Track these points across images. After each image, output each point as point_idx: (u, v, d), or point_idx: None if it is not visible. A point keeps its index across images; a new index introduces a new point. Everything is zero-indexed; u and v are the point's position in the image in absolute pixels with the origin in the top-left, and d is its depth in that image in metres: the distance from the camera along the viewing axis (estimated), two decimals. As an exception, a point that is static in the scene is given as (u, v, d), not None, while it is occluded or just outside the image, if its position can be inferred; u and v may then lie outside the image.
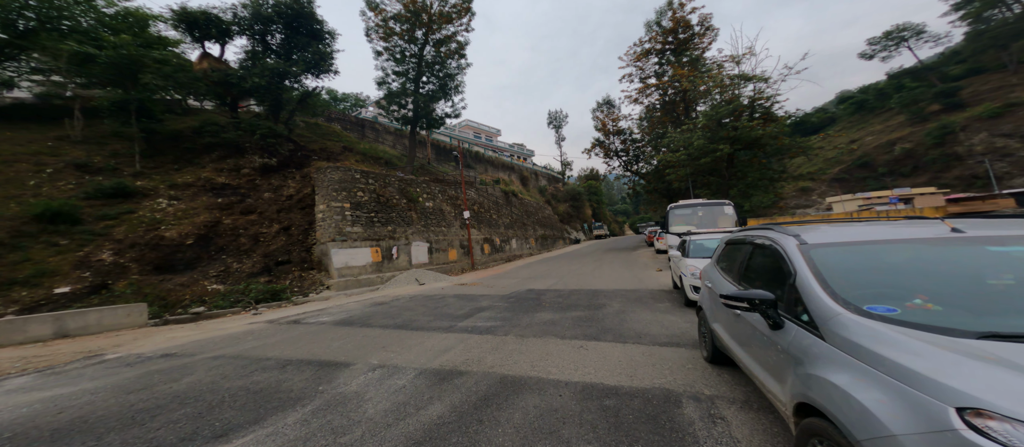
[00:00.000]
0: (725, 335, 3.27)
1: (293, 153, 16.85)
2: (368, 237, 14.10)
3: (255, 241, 12.45)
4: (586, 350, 4.67)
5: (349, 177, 13.99)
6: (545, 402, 3.19)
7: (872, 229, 2.45)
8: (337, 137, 22.65)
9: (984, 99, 43.09)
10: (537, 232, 37.81)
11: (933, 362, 1.38)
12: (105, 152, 13.37)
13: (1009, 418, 1.14)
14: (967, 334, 1.51)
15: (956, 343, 1.46)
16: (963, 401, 1.21)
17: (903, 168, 45.12)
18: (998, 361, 1.33)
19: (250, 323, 7.57)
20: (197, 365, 4.87)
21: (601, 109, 41.27)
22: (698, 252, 7.81)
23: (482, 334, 5.71)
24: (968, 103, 45.00)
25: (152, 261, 10.35)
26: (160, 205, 12.16)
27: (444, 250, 19.06)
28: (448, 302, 8.96)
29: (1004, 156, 37.87)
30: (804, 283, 2.05)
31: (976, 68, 49.57)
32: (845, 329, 1.70)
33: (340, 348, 5.25)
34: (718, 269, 3.85)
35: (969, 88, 47.07)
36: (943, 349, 1.43)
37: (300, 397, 3.54)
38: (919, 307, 1.81)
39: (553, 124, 66.81)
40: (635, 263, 16.01)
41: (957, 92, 47.05)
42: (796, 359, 1.92)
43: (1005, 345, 1.42)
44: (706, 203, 13.69)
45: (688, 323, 5.73)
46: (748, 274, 3.03)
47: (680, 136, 20.55)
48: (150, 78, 12.58)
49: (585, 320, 6.29)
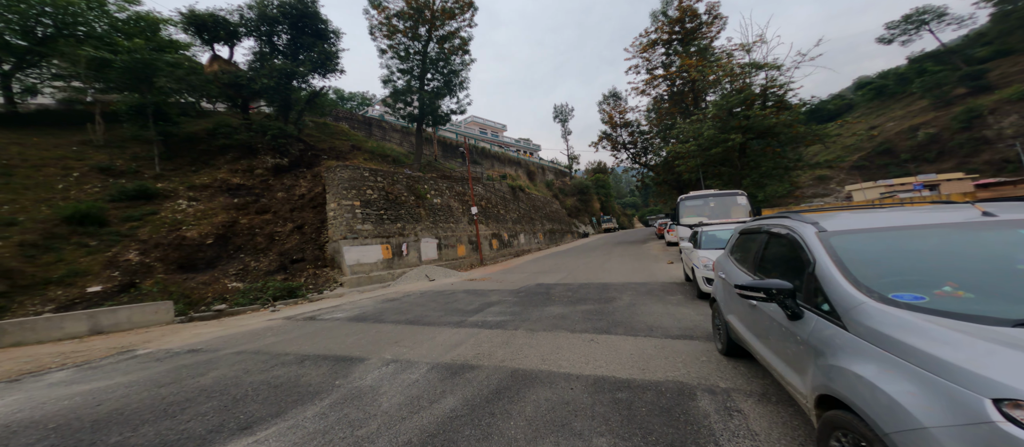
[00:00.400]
0: (740, 327, 3.23)
1: (303, 153, 17.11)
2: (378, 234, 14.28)
3: (271, 240, 12.74)
4: (597, 343, 4.67)
5: (358, 175, 14.15)
6: (556, 395, 3.20)
7: (896, 215, 2.37)
8: (345, 136, 22.91)
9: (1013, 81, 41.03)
10: (545, 226, 37.72)
11: (967, 352, 1.33)
12: (126, 155, 13.81)
13: None
14: (1002, 322, 1.45)
15: (990, 331, 1.40)
16: (1000, 392, 1.16)
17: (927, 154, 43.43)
18: None
19: (269, 320, 7.80)
20: (221, 360, 5.05)
21: (607, 102, 40.69)
22: (710, 243, 7.69)
23: (492, 329, 5.76)
24: (996, 85, 42.92)
25: (175, 260, 10.69)
26: (180, 206, 12.53)
27: (453, 246, 19.19)
28: (458, 297, 9.03)
29: None
30: (824, 271, 2.00)
31: (1003, 50, 47.20)
32: (870, 318, 1.65)
33: (355, 343, 5.36)
34: (732, 260, 3.79)
35: (997, 70, 44.83)
36: (977, 338, 1.37)
37: (318, 391, 3.64)
38: (949, 295, 1.74)
39: (559, 118, 66.19)
40: (645, 256, 15.85)
41: (984, 74, 44.90)
42: (817, 350, 1.88)
43: None
44: (718, 194, 13.44)
45: (701, 316, 5.66)
46: (764, 264, 2.96)
47: (689, 126, 20.14)
48: (164, 81, 12.91)
49: (595, 314, 6.28)
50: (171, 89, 13.39)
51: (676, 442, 2.35)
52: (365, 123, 34.41)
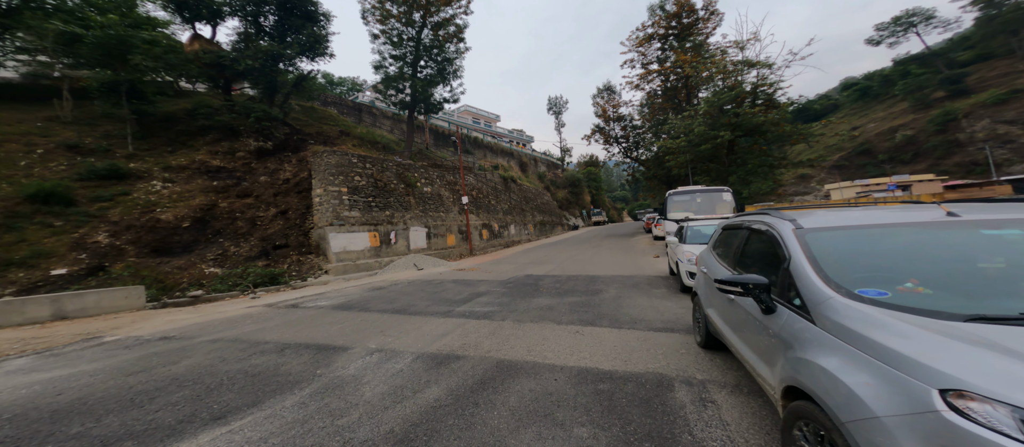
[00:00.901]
0: (719, 320, 3.30)
1: (289, 137, 16.59)
2: (366, 222, 14.06)
3: (252, 225, 12.40)
4: (582, 335, 4.73)
5: (346, 161, 13.82)
6: (540, 386, 3.23)
7: (869, 214, 2.43)
8: (333, 121, 22.29)
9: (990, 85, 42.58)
10: (536, 218, 37.81)
11: (919, 344, 1.37)
12: (97, 133, 13.13)
13: (990, 399, 1.14)
14: (955, 317, 1.50)
15: (943, 326, 1.46)
16: (946, 383, 1.21)
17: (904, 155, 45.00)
18: (983, 343, 1.32)
19: (248, 307, 7.63)
20: (195, 348, 4.92)
21: (601, 95, 40.58)
22: (695, 238, 7.83)
23: (480, 319, 5.76)
24: (973, 89, 44.48)
25: (149, 243, 10.32)
26: (155, 187, 12.04)
27: (442, 235, 19.08)
28: (446, 287, 9.01)
29: (1005, 143, 37.74)
30: (798, 267, 2.05)
31: (985, 54, 48.76)
32: (835, 313, 1.70)
33: (338, 332, 5.29)
34: (714, 254, 3.85)
35: (975, 74, 46.41)
36: (930, 332, 1.43)
37: (298, 380, 3.58)
38: (910, 291, 1.81)
39: (553, 110, 65.83)
40: (633, 249, 16.08)
41: (963, 78, 46.42)
42: (787, 343, 1.93)
43: (991, 327, 1.42)
44: (705, 190, 13.67)
45: (683, 309, 5.78)
46: (744, 259, 3.02)
47: (681, 122, 20.33)
48: (140, 59, 12.22)
49: (582, 305, 6.35)
50: (147, 67, 12.68)
51: (653, 432, 2.41)
52: (355, 109, 33.54)
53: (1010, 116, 38.78)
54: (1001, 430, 1.08)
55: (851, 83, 66.41)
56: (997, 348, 1.29)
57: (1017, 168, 35.26)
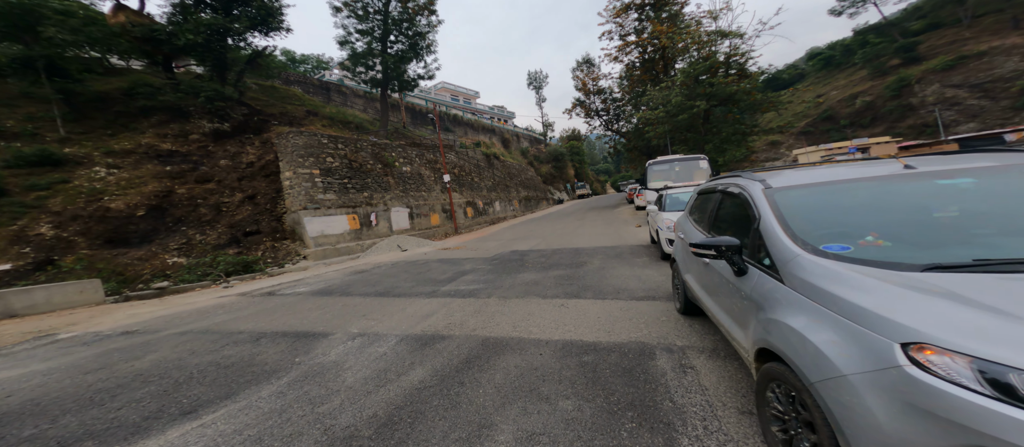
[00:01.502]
0: (695, 285, 3.37)
1: (248, 117, 15.39)
2: (343, 204, 13.51)
3: (217, 211, 11.66)
4: (567, 308, 4.78)
5: (315, 142, 13.04)
6: (526, 361, 3.25)
7: (832, 171, 2.45)
8: (298, 100, 20.82)
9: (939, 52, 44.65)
10: (520, 194, 37.70)
11: (879, 298, 1.36)
12: (18, 115, 11.70)
13: (948, 351, 1.11)
14: (913, 267, 1.50)
15: (902, 277, 1.45)
16: (907, 336, 1.18)
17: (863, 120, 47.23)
18: (940, 292, 1.31)
19: (220, 297, 7.26)
20: (162, 342, 4.65)
21: (581, 68, 39.79)
22: (674, 206, 7.96)
23: (465, 297, 5.73)
24: (925, 57, 46.56)
25: (101, 234, 9.55)
26: (98, 174, 11.01)
27: (426, 215, 18.71)
28: (431, 267, 8.90)
29: (953, 105, 40.16)
30: (767, 226, 2.04)
31: (935, 23, 50.94)
32: (802, 270, 1.69)
33: (318, 318, 5.13)
34: (690, 220, 3.89)
35: (927, 42, 48.41)
36: (889, 284, 1.41)
37: (275, 370, 3.45)
38: (870, 244, 1.82)
39: (533, 85, 64.24)
40: (616, 220, 16.34)
41: (916, 47, 48.40)
42: (758, 304, 1.95)
43: (947, 276, 1.41)
44: (682, 158, 13.90)
45: (664, 276, 5.94)
46: (718, 223, 3.04)
47: (659, 94, 20.32)
48: (54, 32, 10.69)
49: (566, 279, 6.41)
50: (65, 41, 11.14)
51: (636, 400, 2.46)
52: (322, 88, 31.50)
53: (957, 81, 41.03)
54: (960, 382, 1.06)
55: (816, 53, 67.90)
56: (953, 297, 1.28)
57: (963, 128, 37.76)
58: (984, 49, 39.98)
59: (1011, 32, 40.97)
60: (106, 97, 13.68)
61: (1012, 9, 42.02)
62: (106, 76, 14.78)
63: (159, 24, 13.84)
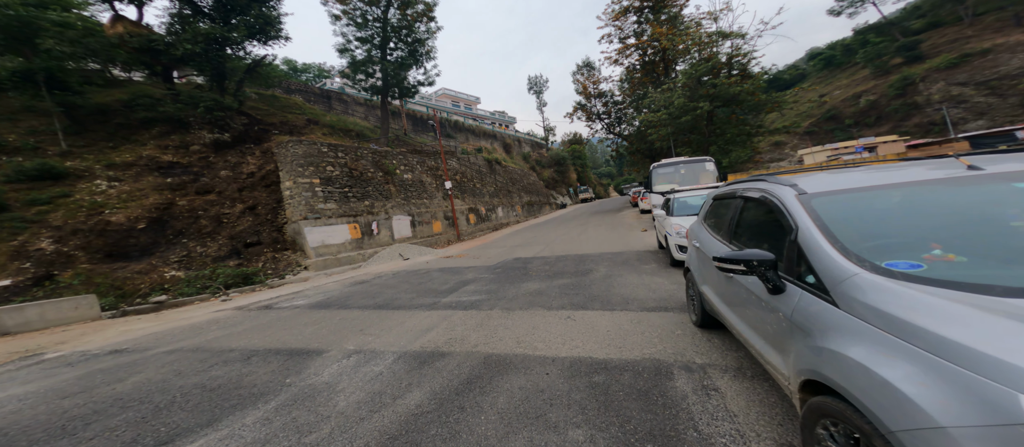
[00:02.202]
0: (715, 299, 3.13)
1: (248, 127, 15.39)
2: (344, 213, 13.39)
3: (218, 223, 11.57)
4: (574, 321, 4.54)
5: (315, 151, 12.96)
6: (531, 382, 3.01)
7: (876, 174, 2.19)
8: (299, 109, 20.88)
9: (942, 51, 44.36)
10: (523, 199, 37.56)
11: (980, 331, 1.12)
12: (20, 129, 11.73)
13: None
14: (1008, 291, 1.26)
15: (998, 303, 1.21)
16: None
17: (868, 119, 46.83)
18: None
19: (216, 311, 7.09)
20: (149, 361, 4.46)
21: (581, 72, 39.85)
22: (682, 210, 7.71)
23: (467, 309, 5.50)
24: (927, 55, 46.29)
25: (101, 248, 9.45)
26: (99, 187, 10.97)
27: (428, 223, 18.56)
28: (432, 277, 8.69)
29: (959, 103, 39.70)
30: (808, 239, 1.80)
31: (935, 22, 50.89)
32: (863, 292, 1.46)
33: (314, 334, 4.92)
34: (705, 227, 3.66)
35: (929, 41, 48.18)
36: (988, 314, 1.17)
37: (263, 392, 3.23)
38: (938, 259, 1.57)
39: (534, 89, 64.46)
40: (620, 224, 16.08)
41: (917, 45, 48.20)
42: (802, 329, 1.71)
43: None
44: (688, 160, 13.66)
45: (675, 285, 5.68)
46: (739, 231, 2.80)
47: (661, 95, 20.15)
48: (52, 43, 10.72)
49: (572, 288, 6.17)
50: (63, 53, 11.18)
51: (655, 429, 2.22)
52: (323, 96, 31.71)
53: (962, 78, 40.63)
54: None
55: (816, 53, 67.86)
56: None
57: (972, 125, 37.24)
58: (988, 47, 39.59)
59: (1014, 29, 40.61)
60: (107, 109, 13.73)
61: (1014, 7, 41.71)
62: (107, 88, 14.88)
63: (157, 34, 13.91)
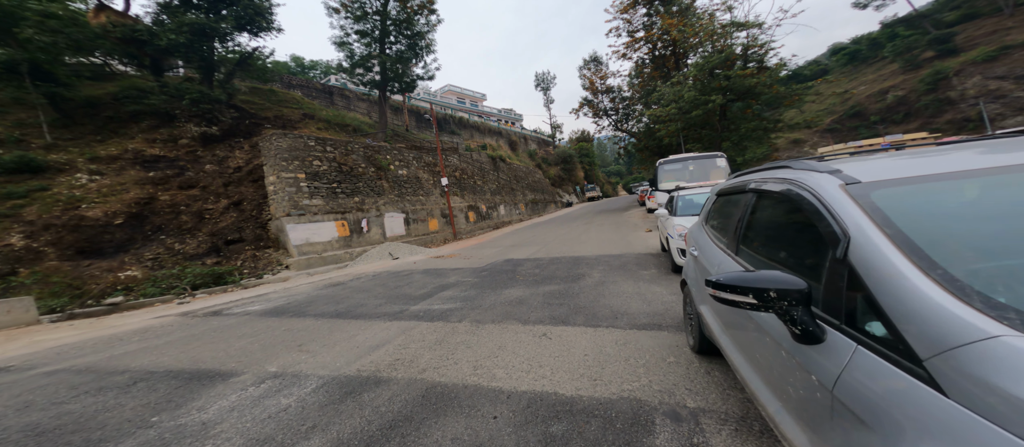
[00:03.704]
0: (716, 325, 2.34)
1: (239, 121, 15.00)
2: (331, 210, 12.86)
3: (199, 219, 11.15)
4: (549, 340, 3.79)
5: (301, 145, 12.44)
6: (470, 431, 2.28)
7: (957, 157, 1.36)
8: (296, 104, 20.54)
9: (978, 43, 41.89)
10: (527, 197, 36.80)
11: None
12: (7, 122, 11.51)
13: None
14: None
15: None
16: None
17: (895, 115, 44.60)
18: None
19: (159, 316, 6.48)
20: (15, 386, 3.82)
21: (588, 67, 38.70)
22: (687, 209, 6.89)
23: (433, 321, 4.80)
24: (962, 48, 43.79)
25: (72, 244, 9.08)
26: (79, 181, 10.64)
27: (423, 220, 17.97)
28: (413, 279, 8.04)
29: (997, 98, 37.32)
30: (873, 259, 1.03)
31: (970, 13, 48.17)
32: (1014, 378, 0.70)
33: (242, 349, 4.26)
34: (707, 230, 2.85)
35: (963, 33, 45.58)
36: None
37: (109, 437, 2.55)
38: None
39: (541, 86, 63.49)
40: (625, 224, 15.25)
41: (951, 38, 45.67)
42: (857, 415, 0.96)
43: None
44: (697, 156, 12.73)
45: (673, 295, 4.87)
46: (750, 239, 2.00)
47: (670, 89, 19.09)
48: (32, 33, 10.39)
49: (558, 297, 5.43)
50: (45, 43, 10.85)
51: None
52: (325, 92, 31.49)
53: (1001, 72, 38.22)
54: None
55: (839, 48, 65.42)
56: None
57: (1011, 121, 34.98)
58: None
59: (1060, 18, 37.91)
60: (96, 102, 13.48)
61: (1060, -6, 38.97)
62: (98, 81, 14.67)
63: (142, 24, 13.57)
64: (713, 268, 2.34)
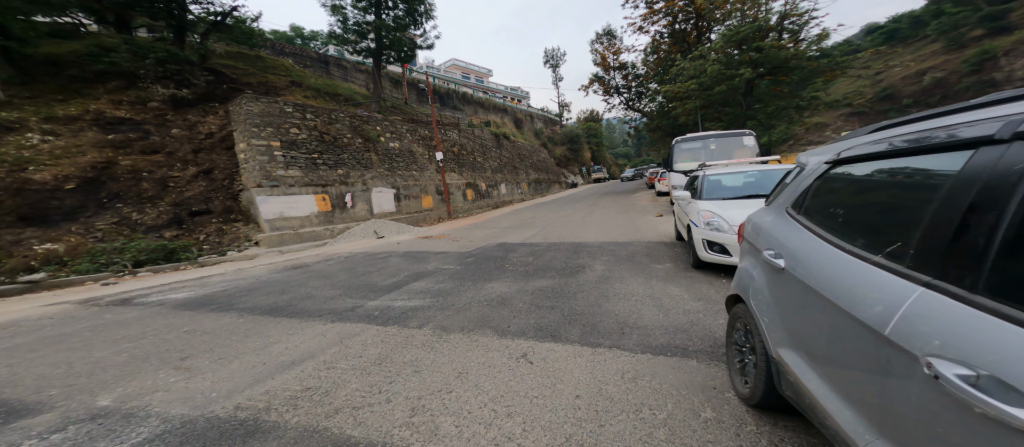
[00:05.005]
0: (822, 386, 1.18)
1: (215, 85, 13.65)
2: (311, 183, 11.71)
3: (163, 187, 10.08)
4: (530, 364, 2.67)
5: (276, 110, 11.15)
6: None
7: None
8: (285, 71, 19.03)
9: None
10: (530, 176, 35.41)
11: None
12: (-46, 77, 10.36)
13: None
14: None
15: None
16: None
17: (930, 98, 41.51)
18: None
19: (52, 304, 5.39)
20: None
21: (600, 41, 36.03)
22: (714, 191, 5.65)
23: (387, 324, 3.72)
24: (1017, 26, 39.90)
25: (13, 209, 8.11)
26: (30, 141, 9.57)
27: (416, 197, 16.82)
28: (388, 264, 6.98)
29: None
30: None
31: (1029, -12, 43.63)
32: None
33: (94, 364, 3.13)
34: (802, 224, 1.64)
35: (1019, 10, 41.40)
36: None
37: None
38: None
39: (550, 63, 60.39)
40: (632, 208, 14.00)
41: (1007, 14, 41.59)
42: None
43: None
44: (720, 134, 11.25)
45: (699, 302, 3.70)
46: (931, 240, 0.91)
47: (691, 64, 17.19)
48: None
49: (550, 295, 4.30)
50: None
51: None
52: (321, 61, 29.82)
53: None
54: None
55: (875, 27, 60.89)
56: None
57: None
58: None
59: None
60: (59, 60, 12.24)
61: None
62: (64, 40, 13.36)
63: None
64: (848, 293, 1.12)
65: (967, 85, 38.82)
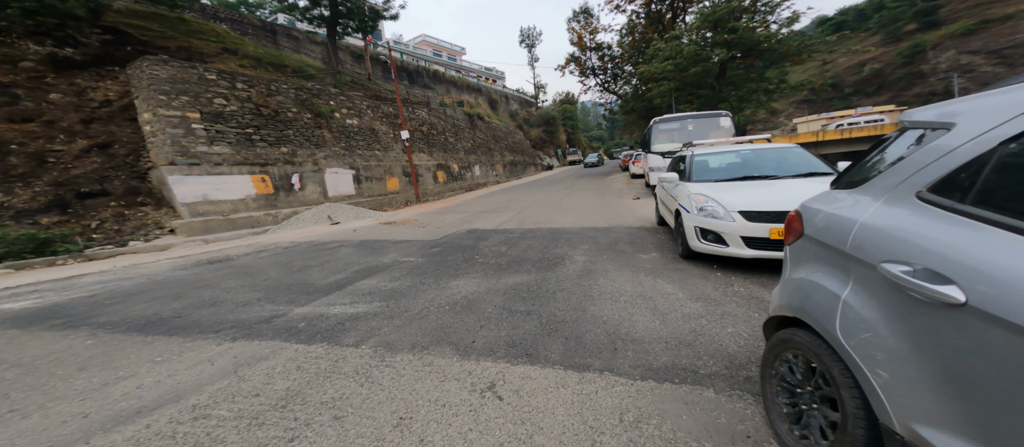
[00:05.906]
0: None
1: (114, 46, 11.21)
2: (245, 161, 10.04)
3: (39, 162, 8.10)
4: (500, 400, 1.91)
5: (193, 76, 9.24)
6: None
7: None
8: (216, 36, 16.32)
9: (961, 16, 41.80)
10: (506, 158, 34.37)
11: None
12: None
13: None
14: None
15: None
16: None
17: (869, 88, 45.01)
18: None
19: None
20: None
21: (578, 19, 34.86)
22: (705, 173, 5.13)
23: (310, 342, 2.81)
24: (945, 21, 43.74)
25: None
26: None
27: (379, 179, 15.38)
28: (337, 256, 5.95)
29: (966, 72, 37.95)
30: None
31: (958, -15, 47.92)
32: None
33: None
34: (974, 215, 0.91)
35: (948, 5, 45.35)
36: None
37: None
38: None
39: (526, 42, 58.33)
40: (609, 190, 13.68)
41: (936, 10, 45.49)
42: None
43: None
44: (698, 115, 10.98)
45: (699, 302, 3.11)
46: None
47: (667, 45, 16.80)
48: None
49: (525, 295, 3.56)
50: None
51: None
52: (267, 30, 26.48)
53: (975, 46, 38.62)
54: None
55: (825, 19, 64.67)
56: None
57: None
58: (1011, 12, 37.07)
59: (1043, -5, 38.18)
60: None
61: (1046, -30, 38.95)
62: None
63: None
64: None
65: (899, 76, 42.27)
